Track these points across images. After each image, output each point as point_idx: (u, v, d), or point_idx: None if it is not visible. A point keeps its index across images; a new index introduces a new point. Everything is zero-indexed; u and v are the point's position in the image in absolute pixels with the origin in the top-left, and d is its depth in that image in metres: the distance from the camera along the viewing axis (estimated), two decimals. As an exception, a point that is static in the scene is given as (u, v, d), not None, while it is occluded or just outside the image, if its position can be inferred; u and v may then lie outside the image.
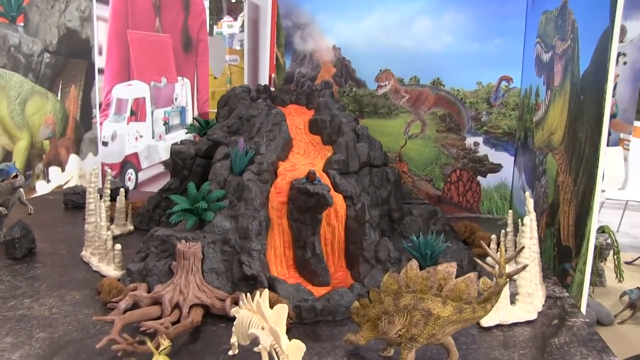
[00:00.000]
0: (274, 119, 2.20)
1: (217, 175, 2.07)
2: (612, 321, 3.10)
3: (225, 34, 9.61)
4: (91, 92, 4.25)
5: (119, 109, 4.42)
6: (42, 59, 3.90)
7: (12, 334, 1.64)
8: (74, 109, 4.17)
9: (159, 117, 4.79)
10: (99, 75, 4.28)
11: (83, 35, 4.12)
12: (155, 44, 4.71)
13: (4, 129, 3.63)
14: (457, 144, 2.94)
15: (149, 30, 4.61)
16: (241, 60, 6.40)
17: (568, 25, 2.14)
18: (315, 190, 1.87)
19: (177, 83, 4.97)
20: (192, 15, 5.02)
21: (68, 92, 4.10)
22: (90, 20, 4.15)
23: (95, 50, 4.23)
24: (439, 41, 2.89)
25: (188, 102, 5.11)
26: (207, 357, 1.53)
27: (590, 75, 1.90)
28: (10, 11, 3.71)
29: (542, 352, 1.60)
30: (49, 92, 3.95)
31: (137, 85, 4.54)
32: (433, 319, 1.42)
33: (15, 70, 3.73)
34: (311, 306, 1.76)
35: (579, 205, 1.93)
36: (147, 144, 4.66)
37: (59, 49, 3.99)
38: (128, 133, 4.49)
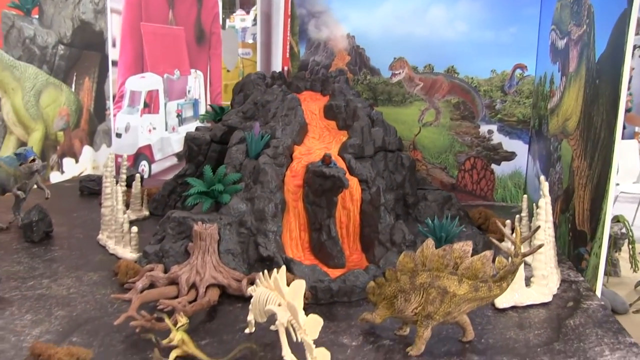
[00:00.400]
0: (289, 104, 2.21)
1: (233, 159, 2.09)
2: (627, 310, 3.10)
3: (237, 28, 9.61)
4: (105, 84, 4.27)
5: (133, 101, 4.44)
6: (56, 50, 3.92)
7: (32, 312, 1.66)
8: (88, 100, 4.19)
9: (172, 110, 4.80)
10: (113, 67, 4.30)
11: (97, 28, 4.14)
12: (169, 37, 4.73)
13: (19, 120, 3.66)
14: (471, 132, 2.94)
15: (163, 23, 4.63)
16: (254, 53, 6.41)
17: (584, 10, 2.14)
18: (331, 172, 1.88)
19: (190, 75, 4.98)
20: (205, 8, 5.03)
21: (82, 84, 4.12)
22: (104, 13, 4.17)
23: (109, 43, 4.25)
24: (453, 29, 2.89)
25: (201, 95, 5.12)
26: (224, 335, 1.54)
27: (607, 59, 1.90)
28: (25, 4, 3.73)
29: (558, 332, 1.61)
30: (63, 83, 3.97)
31: (150, 78, 4.56)
32: (449, 297, 1.43)
33: (30, 62, 3.76)
34: (327, 287, 1.77)
35: (594, 190, 1.94)
36: (160, 136, 4.68)
37: (73, 41, 4.01)
38: (141, 125, 4.51)
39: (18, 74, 3.68)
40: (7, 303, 1.71)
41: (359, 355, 1.46)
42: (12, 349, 1.45)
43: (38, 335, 1.52)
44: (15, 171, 2.35)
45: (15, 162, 2.35)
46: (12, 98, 3.64)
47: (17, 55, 3.66)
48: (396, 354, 1.47)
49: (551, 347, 1.52)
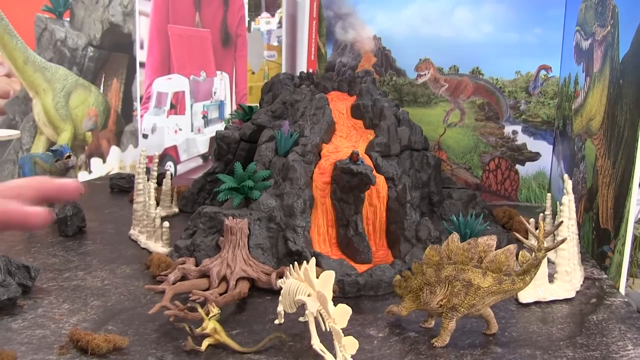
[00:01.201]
0: (317, 103, 2.25)
1: (262, 156, 2.13)
2: (652, 311, 3.11)
3: (262, 30, 9.66)
4: (132, 85, 4.33)
5: (159, 102, 4.48)
6: (86, 52, 3.99)
7: (69, 302, 1.72)
8: (116, 101, 4.25)
9: (197, 111, 4.84)
10: (140, 69, 4.35)
11: (125, 30, 4.20)
12: (195, 39, 4.77)
13: (49, 121, 3.73)
14: (495, 133, 2.97)
15: (189, 25, 4.67)
16: (279, 55, 6.46)
17: (608, 11, 2.17)
18: (359, 169, 1.92)
19: (216, 77, 5.02)
20: (231, 11, 5.07)
21: (110, 85, 4.19)
22: (132, 15, 4.23)
23: (137, 45, 4.30)
24: (478, 31, 2.93)
25: (227, 97, 5.15)
26: (254, 326, 1.59)
27: (631, 59, 1.93)
28: (58, 7, 3.80)
29: (581, 327, 1.64)
30: (92, 85, 4.03)
31: (177, 79, 4.60)
32: (473, 289, 1.47)
33: (61, 63, 3.82)
34: (354, 280, 1.81)
35: (617, 188, 1.97)
36: (186, 137, 4.72)
37: (102, 43, 4.07)
38: (168, 126, 4.55)
39: (49, 75, 3.75)
40: (46, 293, 1.77)
41: (385, 346, 1.50)
42: (52, 335, 1.51)
43: (75, 323, 1.57)
44: (51, 167, 2.41)
45: (51, 158, 2.42)
46: (43, 99, 3.71)
47: (49, 57, 3.74)
48: (421, 345, 1.50)
49: (574, 340, 1.55)
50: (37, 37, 3.64)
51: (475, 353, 1.47)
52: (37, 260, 2.03)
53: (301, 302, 1.42)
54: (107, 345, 1.41)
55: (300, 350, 1.46)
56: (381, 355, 1.45)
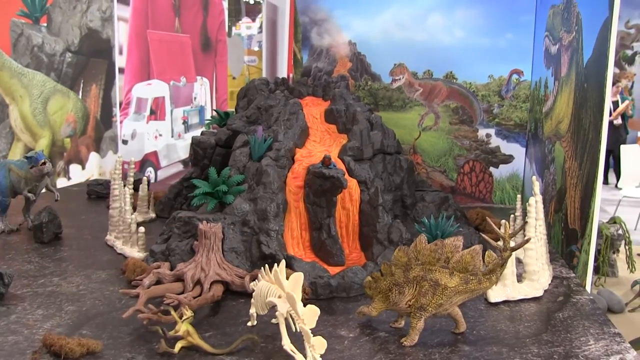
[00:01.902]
0: (291, 108, 2.28)
1: (236, 161, 2.16)
2: (623, 309, 3.15)
3: (243, 35, 9.67)
4: (111, 91, 4.34)
5: (139, 107, 4.50)
6: (64, 58, 3.99)
7: (43, 307, 1.73)
8: (95, 107, 4.25)
9: (178, 116, 4.86)
10: (120, 74, 4.35)
11: (104, 35, 4.20)
12: (175, 44, 4.79)
13: (26, 127, 3.72)
14: (469, 136, 3.01)
15: (169, 31, 4.69)
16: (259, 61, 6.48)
17: (573, 17, 2.21)
18: (331, 173, 1.95)
19: (196, 83, 5.04)
20: (211, 16, 5.09)
21: (89, 91, 4.19)
22: (111, 21, 4.23)
23: (116, 50, 4.31)
24: (451, 36, 2.96)
25: (207, 102, 5.18)
26: (227, 328, 1.61)
27: (593, 64, 1.98)
28: (34, 12, 3.80)
29: (547, 324, 1.67)
30: (71, 91, 4.03)
31: (156, 85, 4.62)
32: (441, 289, 1.50)
33: (38, 69, 3.82)
34: (326, 283, 1.84)
35: (583, 189, 2.01)
36: (166, 142, 4.74)
37: (81, 49, 4.07)
38: (148, 132, 4.56)
39: (26, 81, 3.75)
40: (19, 299, 1.79)
41: (355, 346, 1.53)
42: (25, 340, 1.52)
43: (49, 329, 1.59)
44: (26, 174, 2.43)
45: (25, 165, 2.43)
46: (20, 105, 3.71)
47: (26, 62, 3.73)
48: (391, 345, 1.54)
49: (539, 337, 1.59)
50: (12, 42, 3.64)
51: (444, 351, 1.51)
52: (12, 267, 2.04)
53: (272, 303, 1.45)
54: (80, 349, 1.43)
55: (272, 351, 1.49)
56: (351, 355, 1.48)
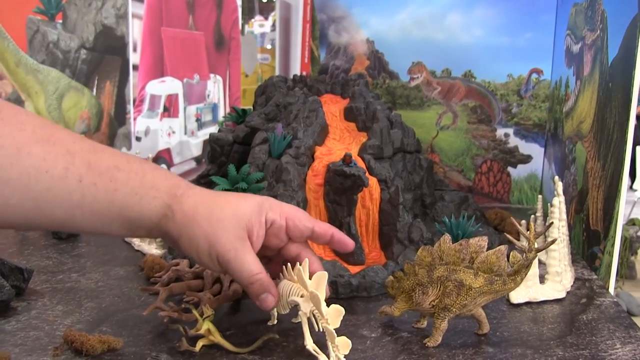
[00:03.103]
0: (310, 106, 2.27)
1: (256, 158, 2.14)
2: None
3: (256, 33, 9.69)
4: (125, 88, 4.32)
5: (153, 105, 4.48)
6: (79, 55, 3.98)
7: (63, 303, 1.73)
8: (109, 104, 4.24)
9: (191, 114, 4.85)
10: (134, 71, 4.34)
11: (118, 32, 4.19)
12: (189, 42, 4.78)
13: (42, 123, 3.72)
14: (487, 136, 2.99)
15: (183, 28, 4.67)
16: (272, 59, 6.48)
17: (597, 15, 2.19)
18: (352, 171, 1.94)
19: (210, 80, 5.02)
20: (224, 14, 5.08)
21: (103, 87, 4.18)
22: (125, 18, 4.22)
23: (130, 47, 4.30)
24: (470, 34, 2.94)
25: (220, 99, 5.16)
26: (248, 326, 1.60)
27: (619, 63, 1.96)
28: (50, 9, 3.79)
29: (571, 327, 1.66)
30: (85, 87, 4.02)
31: (170, 82, 4.60)
32: (465, 290, 1.49)
33: (53, 66, 3.81)
34: (347, 282, 1.83)
35: (607, 189, 1.99)
36: (179, 139, 4.72)
37: (95, 46, 4.06)
38: (161, 129, 4.55)
39: (41, 77, 3.74)
40: (39, 295, 1.78)
41: (377, 346, 1.52)
42: (46, 336, 1.52)
43: (70, 325, 1.58)
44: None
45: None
46: (36, 101, 3.70)
47: (41, 59, 3.73)
48: (414, 345, 1.52)
49: (564, 340, 1.57)
50: (29, 39, 3.63)
51: (467, 352, 1.49)
52: (31, 262, 2.04)
53: (294, 302, 1.44)
54: (101, 346, 1.43)
55: (294, 351, 1.48)
56: (374, 355, 1.47)
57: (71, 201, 1.28)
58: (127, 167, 1.35)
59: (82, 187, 1.28)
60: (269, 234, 1.47)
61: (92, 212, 1.31)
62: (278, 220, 1.46)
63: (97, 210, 1.32)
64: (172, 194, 1.39)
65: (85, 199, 1.29)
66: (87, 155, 1.30)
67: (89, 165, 1.29)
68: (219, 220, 1.39)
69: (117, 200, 1.32)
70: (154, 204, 1.36)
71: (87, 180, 1.28)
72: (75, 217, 1.31)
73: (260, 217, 1.44)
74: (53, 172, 1.24)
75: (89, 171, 1.29)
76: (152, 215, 1.36)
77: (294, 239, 1.52)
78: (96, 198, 1.30)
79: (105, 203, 1.31)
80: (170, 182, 1.41)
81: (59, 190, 1.26)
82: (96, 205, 1.31)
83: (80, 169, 1.28)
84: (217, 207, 1.41)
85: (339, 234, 1.55)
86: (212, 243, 1.38)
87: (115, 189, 1.32)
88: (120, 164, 1.34)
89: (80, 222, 1.33)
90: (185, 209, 1.38)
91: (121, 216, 1.34)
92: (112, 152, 1.38)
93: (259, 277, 1.42)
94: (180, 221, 1.37)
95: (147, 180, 1.37)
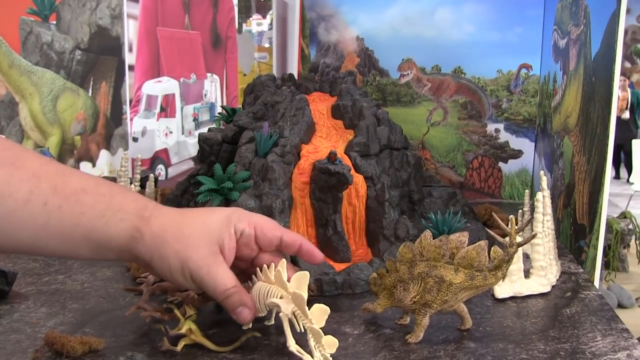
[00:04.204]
0: (297, 104, 2.27)
1: (242, 157, 2.15)
2: (634, 304, 3.15)
3: (254, 32, 9.69)
4: (121, 88, 4.33)
5: (149, 105, 4.49)
6: (73, 56, 3.99)
7: (47, 305, 1.73)
8: (105, 105, 4.25)
9: (188, 113, 4.85)
10: (129, 72, 4.35)
11: (114, 33, 4.20)
12: (185, 41, 4.78)
13: (36, 125, 3.73)
14: (478, 131, 2.99)
15: (179, 28, 4.68)
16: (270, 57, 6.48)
17: (581, 11, 2.20)
18: (336, 169, 1.94)
19: (207, 79, 5.03)
20: (220, 13, 5.08)
21: (99, 88, 4.19)
22: (120, 18, 4.23)
23: (126, 48, 4.30)
24: (460, 31, 2.95)
25: (217, 99, 5.17)
26: (231, 326, 1.60)
27: (601, 57, 1.96)
28: (43, 10, 3.81)
29: (554, 320, 1.66)
30: (80, 88, 4.03)
31: (166, 82, 4.61)
32: (446, 286, 1.49)
33: (48, 67, 3.83)
34: (332, 279, 1.83)
35: (591, 184, 1.99)
36: (176, 139, 4.73)
37: (90, 46, 4.08)
38: (158, 129, 4.55)
39: (36, 79, 3.75)
40: (23, 297, 1.78)
41: (359, 343, 1.52)
42: (28, 339, 1.52)
43: (52, 327, 1.59)
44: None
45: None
46: (30, 103, 3.71)
47: (35, 60, 3.74)
48: (396, 342, 1.53)
49: (546, 334, 1.58)
50: (22, 40, 3.65)
51: (449, 348, 1.50)
52: (17, 265, 2.04)
53: (273, 304, 1.44)
54: (82, 347, 1.43)
55: (276, 349, 1.48)
56: (355, 352, 1.47)
57: (35, 224, 1.28)
58: (95, 190, 1.35)
59: (47, 211, 1.28)
60: (240, 244, 1.48)
61: (57, 235, 1.31)
62: (247, 229, 1.47)
63: (62, 233, 1.32)
64: (140, 215, 1.38)
65: (50, 222, 1.29)
66: (54, 178, 1.30)
67: (54, 189, 1.29)
68: (189, 237, 1.40)
69: (83, 223, 1.32)
70: (120, 226, 1.36)
71: (53, 203, 1.29)
72: (40, 241, 1.31)
73: (230, 229, 1.45)
74: (17, 196, 1.25)
75: (55, 194, 1.29)
76: (119, 237, 1.36)
77: (264, 248, 1.52)
78: (61, 221, 1.30)
79: (71, 226, 1.31)
80: (138, 205, 1.41)
81: (23, 213, 1.26)
82: (61, 229, 1.31)
83: (46, 192, 1.28)
84: (185, 225, 1.42)
85: (307, 245, 1.55)
86: (183, 261, 1.39)
87: (81, 212, 1.32)
88: (88, 187, 1.34)
89: (46, 246, 1.34)
90: (154, 229, 1.38)
91: (88, 239, 1.34)
92: (80, 176, 1.38)
93: (233, 291, 1.43)
94: (150, 242, 1.38)
95: (114, 203, 1.37)
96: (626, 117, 13.24)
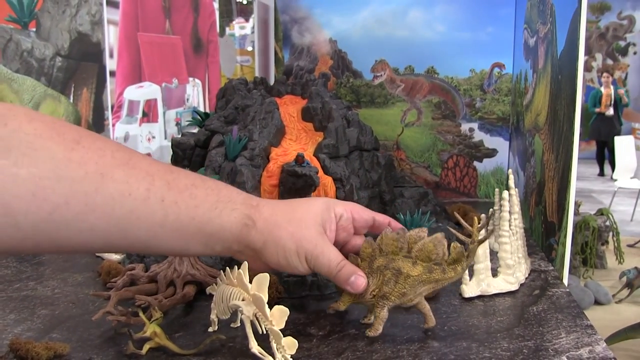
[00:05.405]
0: (266, 107, 2.28)
1: (212, 161, 2.16)
2: (610, 300, 3.16)
3: (237, 35, 9.69)
4: (103, 94, 4.32)
5: (131, 110, 4.48)
6: (54, 62, 3.98)
7: (16, 312, 1.74)
8: (87, 111, 4.24)
9: (170, 118, 4.85)
10: (111, 77, 4.34)
11: (94, 39, 4.19)
12: (166, 46, 4.78)
13: (17, 132, 3.72)
14: (452, 131, 3.01)
15: (159, 32, 4.68)
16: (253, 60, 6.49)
17: (547, 9, 2.21)
18: (303, 171, 1.95)
19: (189, 84, 5.03)
20: (201, 17, 5.08)
21: (80, 95, 4.18)
22: (100, 24, 4.22)
23: (107, 53, 4.29)
24: (432, 30, 2.96)
25: (200, 103, 5.17)
26: (198, 328, 1.61)
27: (565, 55, 1.98)
28: (22, 17, 3.79)
29: (520, 318, 1.67)
30: (62, 95, 4.02)
31: (148, 87, 4.60)
32: (403, 278, 1.50)
33: (28, 74, 3.81)
34: (299, 280, 1.84)
35: (560, 181, 2.01)
36: (159, 144, 4.73)
37: (71, 53, 4.06)
38: (140, 134, 4.54)
39: (16, 86, 3.74)
40: (-8, 305, 1.79)
41: (323, 344, 1.53)
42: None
43: (19, 333, 1.59)
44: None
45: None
46: (11, 110, 3.71)
47: (15, 68, 3.73)
48: (360, 342, 1.53)
49: (511, 332, 1.59)
50: (1, 48, 3.63)
51: (412, 348, 1.50)
52: (-12, 272, 2.05)
53: (236, 306, 1.45)
54: (47, 352, 1.43)
55: (240, 351, 1.49)
56: (319, 353, 1.48)
57: (154, 221, 1.31)
58: (203, 185, 1.39)
59: (164, 207, 1.31)
60: (339, 227, 1.57)
61: (173, 230, 1.34)
62: (345, 213, 1.57)
63: (178, 227, 1.35)
64: (249, 204, 1.44)
65: (167, 217, 1.32)
66: (165, 175, 1.33)
67: (168, 185, 1.32)
68: (300, 220, 1.47)
69: (199, 216, 1.36)
70: (233, 215, 1.40)
71: (169, 199, 1.32)
72: (157, 237, 1.33)
73: (330, 213, 1.54)
74: (136, 194, 1.27)
75: (170, 190, 1.32)
76: (232, 226, 1.40)
77: (359, 229, 1.62)
78: (178, 216, 1.33)
79: (187, 220, 1.35)
80: (244, 195, 1.47)
81: (142, 211, 1.28)
82: (178, 224, 1.34)
83: (162, 189, 1.31)
84: (293, 210, 1.50)
85: (395, 223, 1.64)
86: (299, 242, 1.45)
87: (195, 205, 1.35)
88: (197, 183, 1.38)
89: (161, 242, 1.35)
90: (266, 215, 1.44)
91: (201, 231, 1.38)
92: (186, 173, 1.42)
93: (345, 263, 1.51)
94: (264, 228, 1.43)
95: (223, 195, 1.41)
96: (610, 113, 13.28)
